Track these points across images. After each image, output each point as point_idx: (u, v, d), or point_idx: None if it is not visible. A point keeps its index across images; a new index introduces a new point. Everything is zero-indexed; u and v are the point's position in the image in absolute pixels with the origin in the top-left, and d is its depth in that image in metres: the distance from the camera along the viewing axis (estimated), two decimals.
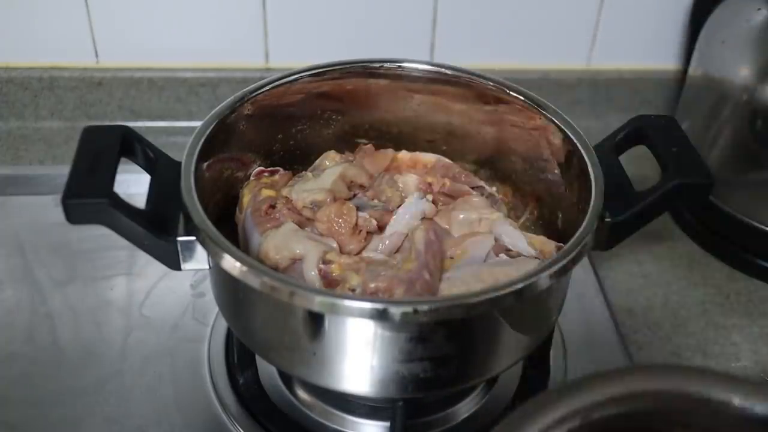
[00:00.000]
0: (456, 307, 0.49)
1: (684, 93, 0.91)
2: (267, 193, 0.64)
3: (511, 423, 0.35)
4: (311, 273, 0.57)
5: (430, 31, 0.97)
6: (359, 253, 0.62)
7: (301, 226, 0.62)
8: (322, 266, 0.57)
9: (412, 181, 0.69)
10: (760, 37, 0.79)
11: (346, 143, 0.73)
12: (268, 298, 0.52)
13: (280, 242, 0.59)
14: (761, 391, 0.37)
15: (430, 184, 0.68)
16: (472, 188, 0.69)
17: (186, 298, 0.77)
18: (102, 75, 0.97)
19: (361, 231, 0.62)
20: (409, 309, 0.48)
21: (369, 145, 0.72)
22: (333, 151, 0.72)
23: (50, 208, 0.85)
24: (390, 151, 0.72)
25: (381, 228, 0.64)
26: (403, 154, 0.72)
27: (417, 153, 0.72)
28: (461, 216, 0.65)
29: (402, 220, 0.64)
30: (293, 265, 0.59)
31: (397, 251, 0.62)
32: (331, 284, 0.57)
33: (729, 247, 0.85)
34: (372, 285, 0.55)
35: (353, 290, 0.56)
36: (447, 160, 0.71)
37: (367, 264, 0.58)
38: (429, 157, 0.72)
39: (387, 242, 0.62)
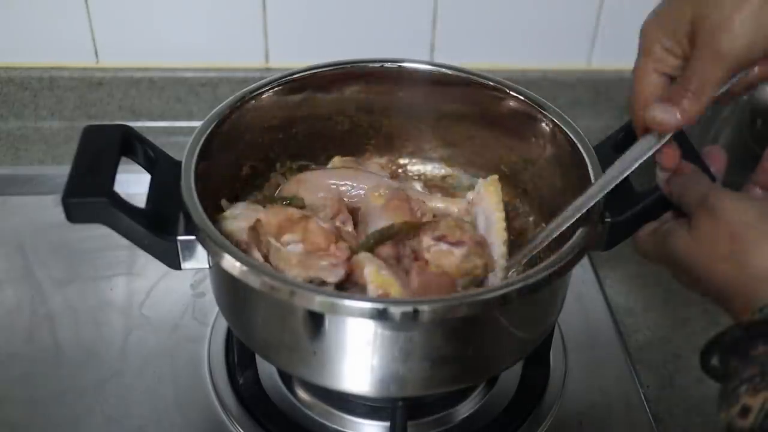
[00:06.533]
0: (456, 307, 0.49)
1: None
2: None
3: None
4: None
5: (430, 31, 0.97)
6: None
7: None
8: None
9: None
10: None
11: (346, 144, 0.74)
12: (268, 298, 0.52)
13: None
14: None
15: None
16: None
17: (186, 298, 0.77)
18: (102, 75, 0.97)
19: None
20: (409, 309, 0.48)
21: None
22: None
23: (50, 208, 0.85)
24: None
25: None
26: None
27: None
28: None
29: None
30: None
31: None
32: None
33: None
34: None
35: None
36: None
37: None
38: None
39: None
